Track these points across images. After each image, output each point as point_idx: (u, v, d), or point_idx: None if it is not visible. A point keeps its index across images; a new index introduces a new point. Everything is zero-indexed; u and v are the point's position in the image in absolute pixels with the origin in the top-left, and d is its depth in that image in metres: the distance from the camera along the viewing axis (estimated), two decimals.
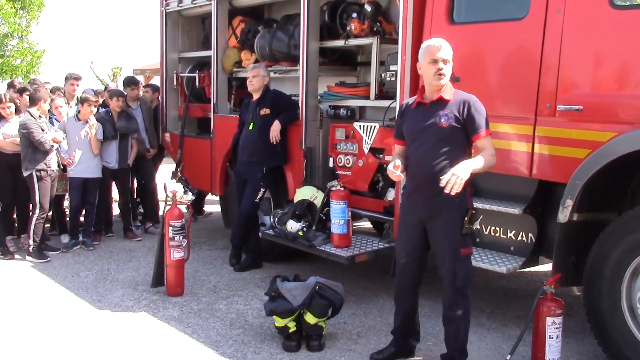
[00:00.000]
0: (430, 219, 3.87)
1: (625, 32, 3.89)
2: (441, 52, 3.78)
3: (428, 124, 3.82)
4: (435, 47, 3.80)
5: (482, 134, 3.78)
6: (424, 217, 3.89)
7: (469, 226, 3.83)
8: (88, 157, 7.14)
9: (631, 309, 3.92)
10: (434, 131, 3.80)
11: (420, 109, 3.91)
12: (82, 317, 5.14)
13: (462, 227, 3.80)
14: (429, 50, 3.83)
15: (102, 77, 22.62)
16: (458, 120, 3.78)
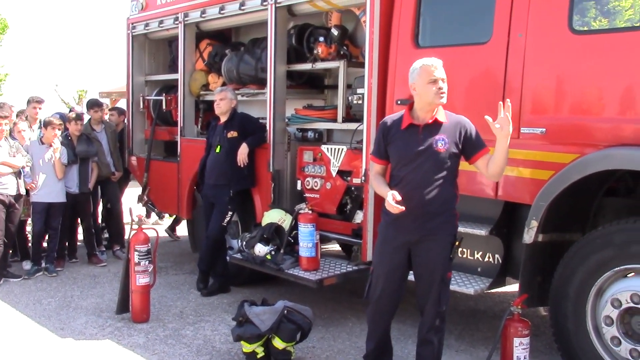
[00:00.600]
0: (419, 243, 3.82)
1: (584, 57, 3.99)
2: (438, 71, 3.77)
3: (423, 148, 3.75)
4: (431, 67, 3.76)
5: (487, 149, 3.78)
6: (413, 240, 3.83)
7: (455, 252, 3.85)
8: (52, 181, 7.01)
9: (596, 328, 3.96)
10: (430, 156, 3.74)
11: (414, 131, 3.81)
12: (44, 346, 4.99)
13: (451, 252, 3.80)
14: (425, 70, 3.76)
15: (67, 100, 22.33)
16: (456, 146, 3.76)
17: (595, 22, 4.13)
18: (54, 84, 22.50)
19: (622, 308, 3.80)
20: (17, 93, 17.54)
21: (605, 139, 3.87)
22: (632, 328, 3.81)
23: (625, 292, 3.79)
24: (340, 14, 5.95)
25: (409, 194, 3.75)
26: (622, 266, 3.81)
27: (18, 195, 6.82)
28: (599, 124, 3.93)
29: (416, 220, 3.77)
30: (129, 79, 8.16)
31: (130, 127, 8.19)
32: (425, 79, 3.76)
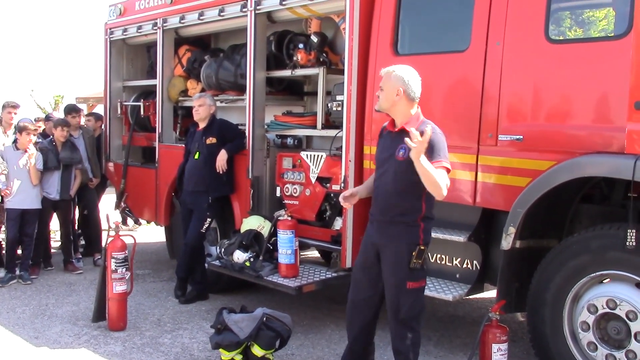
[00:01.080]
0: (382, 247, 3.86)
1: (560, 65, 4.05)
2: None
3: (387, 156, 3.82)
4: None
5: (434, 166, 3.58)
6: (377, 243, 3.89)
7: (416, 261, 3.73)
8: (27, 187, 6.91)
9: (573, 333, 4.01)
10: (392, 164, 3.78)
11: (387, 138, 3.90)
12: (18, 355, 4.91)
13: (410, 261, 3.73)
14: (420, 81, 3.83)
15: (43, 105, 22.05)
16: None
17: (571, 32, 4.21)
18: (30, 89, 22.20)
19: (598, 314, 3.85)
20: None
21: (581, 147, 3.92)
22: (607, 333, 3.86)
23: (601, 298, 3.84)
24: (319, 21, 5.97)
25: (375, 199, 3.88)
26: (598, 272, 3.87)
27: None
28: (575, 131, 3.98)
29: (378, 225, 3.86)
30: (106, 84, 8.09)
31: (107, 132, 8.12)
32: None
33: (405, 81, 3.78)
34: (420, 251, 3.74)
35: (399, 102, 3.79)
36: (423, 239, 3.77)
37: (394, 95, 3.78)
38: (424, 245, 3.76)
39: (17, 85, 22.66)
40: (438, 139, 3.70)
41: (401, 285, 3.76)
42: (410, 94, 3.80)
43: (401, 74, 3.79)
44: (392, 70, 3.83)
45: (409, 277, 3.76)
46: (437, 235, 4.69)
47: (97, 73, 8.32)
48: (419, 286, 3.83)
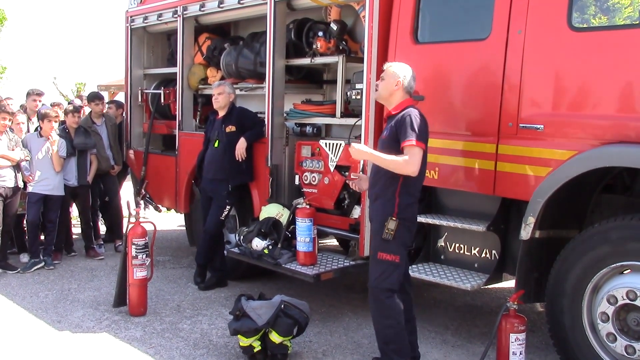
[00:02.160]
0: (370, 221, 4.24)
1: (583, 54, 3.99)
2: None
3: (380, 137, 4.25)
4: None
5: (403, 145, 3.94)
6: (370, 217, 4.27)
7: (388, 231, 3.96)
8: (50, 174, 7.00)
9: (592, 324, 3.97)
10: (379, 142, 4.23)
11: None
12: (42, 338, 5.00)
13: (382, 232, 3.97)
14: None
15: (65, 93, 22.28)
16: (394, 137, 4.02)
17: (595, 20, 4.13)
18: (53, 77, 22.44)
19: (617, 305, 3.81)
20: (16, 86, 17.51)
21: (603, 136, 3.87)
22: (627, 324, 3.82)
23: (621, 289, 3.80)
24: (339, 8, 5.94)
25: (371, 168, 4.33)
26: (618, 263, 3.82)
27: (16, 188, 6.82)
28: (597, 121, 3.93)
29: (369, 200, 4.29)
30: (127, 72, 8.14)
31: (128, 120, 8.18)
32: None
33: (406, 76, 4.16)
34: (392, 222, 3.97)
35: (396, 92, 4.14)
36: (397, 212, 3.99)
37: (393, 85, 4.14)
38: (397, 218, 3.97)
39: (41, 73, 22.92)
40: (408, 119, 3.99)
41: (374, 254, 4.10)
42: (407, 87, 4.17)
43: (401, 67, 4.20)
44: (395, 64, 4.26)
45: (381, 248, 4.04)
46: (456, 225, 4.69)
47: (119, 61, 8.43)
48: (390, 259, 4.03)
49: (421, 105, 4.79)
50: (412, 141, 3.91)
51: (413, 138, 3.92)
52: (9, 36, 21.97)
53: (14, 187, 6.76)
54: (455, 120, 4.67)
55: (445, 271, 4.85)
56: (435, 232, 5.07)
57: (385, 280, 4.02)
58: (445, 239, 4.99)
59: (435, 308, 5.86)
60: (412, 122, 3.96)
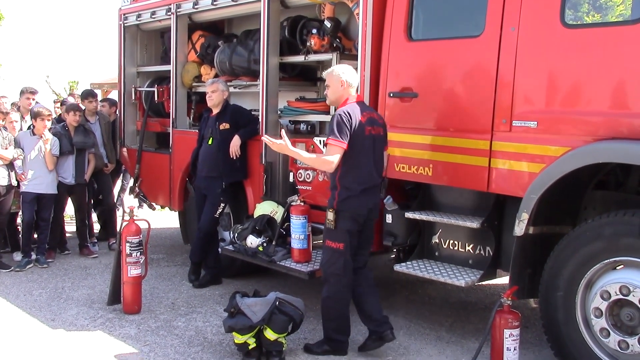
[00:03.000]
0: None
1: (576, 50, 4.01)
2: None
3: None
4: None
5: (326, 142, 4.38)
6: None
7: (329, 221, 4.38)
8: (43, 172, 6.97)
9: (585, 320, 3.99)
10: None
11: None
12: (36, 336, 4.99)
13: (326, 222, 4.41)
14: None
15: (58, 91, 22.17)
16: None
17: (588, 17, 4.15)
18: (45, 75, 22.31)
19: (611, 300, 3.84)
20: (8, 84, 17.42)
21: (596, 133, 3.89)
22: (620, 320, 3.84)
23: (614, 284, 3.82)
24: (333, 6, 5.93)
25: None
26: (611, 259, 3.84)
27: (9, 187, 6.80)
28: (590, 117, 3.95)
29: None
30: (120, 70, 8.12)
31: (122, 118, 8.16)
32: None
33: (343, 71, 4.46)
34: (330, 213, 4.39)
35: (343, 92, 4.46)
36: (337, 204, 4.38)
37: (339, 87, 4.45)
38: (336, 209, 4.37)
39: (33, 71, 22.81)
40: (332, 119, 4.36)
41: (324, 241, 4.52)
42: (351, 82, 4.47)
43: (339, 68, 4.53)
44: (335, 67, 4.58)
45: (327, 236, 4.47)
46: (450, 221, 4.70)
47: (112, 59, 8.41)
48: (334, 247, 4.42)
49: (415, 102, 4.82)
50: (330, 140, 4.29)
51: (332, 137, 4.28)
52: (3, 35, 21.82)
53: (7, 185, 6.74)
54: (448, 117, 4.68)
55: (440, 268, 4.86)
56: (429, 229, 5.08)
57: (332, 265, 4.44)
58: (440, 236, 5.01)
59: (430, 305, 5.87)
60: (334, 121, 4.31)
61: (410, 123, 4.88)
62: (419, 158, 4.81)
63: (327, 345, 4.58)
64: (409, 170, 4.88)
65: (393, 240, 5.17)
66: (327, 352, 4.56)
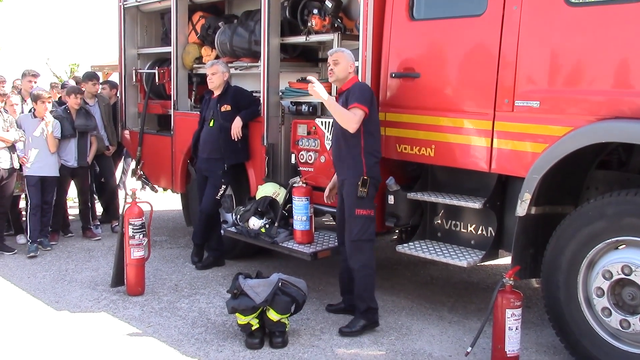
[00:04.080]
0: (341, 183, 4.71)
1: (580, 29, 3.97)
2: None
3: None
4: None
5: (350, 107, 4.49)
6: (340, 186, 4.75)
7: (361, 190, 4.47)
8: (45, 155, 6.97)
9: (587, 300, 4.00)
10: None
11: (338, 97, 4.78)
12: (40, 318, 5.02)
13: (357, 191, 4.48)
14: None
15: (59, 73, 22.10)
16: (344, 104, 4.54)
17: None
18: (46, 58, 22.21)
19: (613, 279, 3.84)
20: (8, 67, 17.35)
21: (599, 112, 3.87)
22: (622, 299, 3.85)
23: (616, 264, 3.83)
24: None
25: (333, 146, 4.82)
26: (613, 238, 3.84)
27: (12, 170, 6.80)
28: (593, 97, 3.93)
29: (337, 168, 4.76)
30: (121, 52, 8.07)
31: (123, 100, 8.13)
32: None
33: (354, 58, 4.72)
34: (364, 181, 4.49)
35: (349, 73, 4.67)
36: (366, 171, 4.52)
37: (349, 67, 4.66)
38: (367, 176, 4.50)
39: (33, 54, 22.68)
40: (356, 88, 4.58)
41: (351, 211, 4.56)
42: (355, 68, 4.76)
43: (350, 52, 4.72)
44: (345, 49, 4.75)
45: (357, 205, 4.54)
46: (453, 202, 4.70)
47: (112, 41, 8.30)
48: (366, 214, 4.56)
49: (417, 82, 4.80)
50: (356, 104, 4.46)
51: (357, 102, 4.47)
52: (2, 17, 21.67)
53: (9, 168, 6.74)
54: (451, 97, 4.66)
55: (442, 248, 4.87)
56: (431, 210, 5.09)
57: (366, 232, 4.57)
58: (442, 217, 5.02)
59: (432, 285, 5.89)
60: (358, 90, 4.55)
61: (412, 103, 4.86)
62: (421, 139, 4.80)
63: (363, 319, 4.66)
64: (411, 151, 4.87)
65: (395, 221, 5.17)
66: (365, 327, 4.65)
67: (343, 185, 4.68)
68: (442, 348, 4.46)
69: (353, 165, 4.55)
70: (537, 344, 4.55)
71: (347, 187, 4.60)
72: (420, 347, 4.46)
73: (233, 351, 4.38)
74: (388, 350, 4.39)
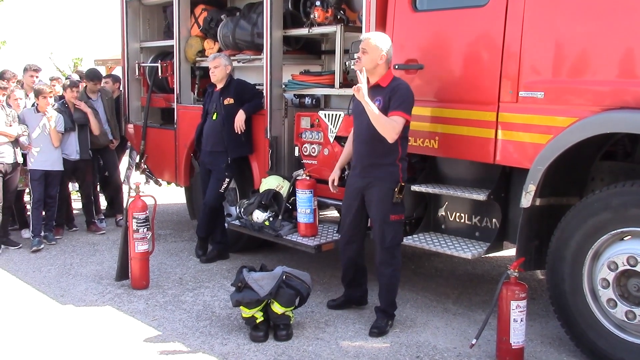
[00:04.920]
0: (367, 188, 4.47)
1: (584, 18, 3.94)
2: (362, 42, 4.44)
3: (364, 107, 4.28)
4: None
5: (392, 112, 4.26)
6: (362, 186, 4.50)
7: (398, 196, 4.37)
8: (48, 149, 6.97)
9: (592, 291, 3.99)
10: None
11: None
12: (45, 312, 5.03)
13: (393, 197, 4.36)
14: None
15: (62, 68, 22.11)
16: (386, 104, 4.30)
17: None
18: (49, 52, 22.22)
19: (618, 271, 3.82)
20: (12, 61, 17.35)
21: (604, 102, 3.84)
22: (628, 290, 3.84)
23: (621, 255, 3.81)
24: None
25: (358, 147, 4.53)
26: (619, 229, 3.82)
27: (15, 164, 6.80)
28: (597, 87, 3.90)
29: (363, 169, 4.48)
30: (123, 45, 8.06)
31: (126, 94, 8.12)
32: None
33: (388, 47, 4.39)
34: (401, 187, 4.39)
35: (380, 65, 4.37)
36: (402, 177, 4.41)
37: (378, 59, 4.35)
38: (403, 182, 4.41)
39: (37, 48, 22.68)
40: (402, 92, 4.32)
41: (385, 218, 4.42)
42: (389, 58, 4.43)
43: (384, 40, 4.40)
44: (375, 36, 4.42)
45: (392, 211, 4.41)
46: (457, 194, 4.69)
47: (115, 35, 8.27)
48: (399, 219, 4.48)
49: (420, 73, 4.78)
50: (400, 112, 4.26)
51: (403, 111, 4.27)
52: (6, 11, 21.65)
53: (13, 163, 6.74)
54: (454, 88, 4.64)
55: (446, 240, 4.86)
56: (435, 202, 5.07)
57: (397, 237, 4.50)
58: (446, 208, 5.00)
59: (437, 277, 5.89)
60: (404, 94, 4.31)
61: (415, 95, 4.81)
62: (425, 130, 4.78)
63: (390, 318, 4.62)
64: (414, 143, 4.84)
65: None
66: (390, 325, 4.60)
67: (367, 188, 4.46)
68: (447, 340, 4.46)
69: (389, 171, 4.38)
70: (542, 335, 4.54)
71: (379, 194, 4.40)
72: (425, 339, 4.46)
73: (238, 344, 4.39)
74: (392, 343, 4.39)
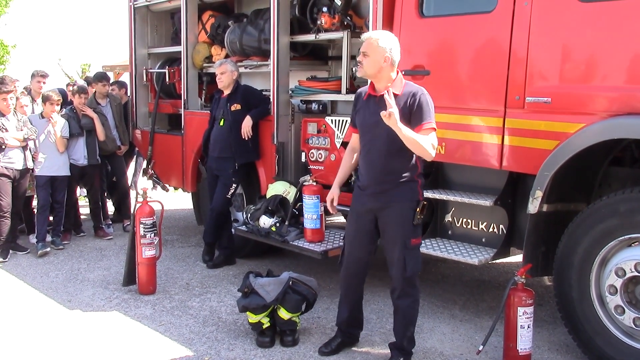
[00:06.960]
0: (382, 209, 3.92)
1: (591, 25, 3.94)
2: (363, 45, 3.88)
3: (378, 119, 3.68)
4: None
5: (423, 127, 3.73)
6: (376, 207, 3.94)
7: (420, 217, 3.87)
8: (54, 154, 7.00)
9: (600, 297, 3.97)
10: (385, 126, 3.66)
11: (372, 102, 3.91)
12: (52, 317, 5.05)
13: (414, 218, 3.85)
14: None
15: (70, 74, 22.25)
16: (407, 116, 3.74)
17: None
18: (57, 58, 22.39)
19: (626, 277, 3.81)
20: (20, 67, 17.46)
21: (611, 108, 3.84)
22: (635, 297, 3.82)
23: (629, 261, 3.79)
24: None
25: (370, 163, 3.93)
26: (626, 235, 3.81)
27: (25, 170, 6.83)
28: (605, 93, 3.89)
29: (377, 187, 3.90)
30: (131, 51, 8.11)
31: (134, 100, 8.17)
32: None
33: (391, 48, 3.82)
34: (423, 206, 3.89)
35: (385, 67, 3.83)
36: (421, 194, 3.93)
37: (381, 62, 3.81)
38: (424, 200, 3.93)
39: (45, 54, 22.85)
40: (425, 100, 3.79)
41: (406, 243, 3.86)
42: (395, 60, 3.85)
43: (387, 40, 3.83)
44: (376, 36, 3.86)
45: (413, 234, 3.88)
46: (464, 199, 4.68)
47: (123, 41, 8.33)
48: (419, 242, 3.97)
49: (427, 79, 4.78)
50: (432, 124, 3.76)
51: (433, 121, 3.77)
52: (15, 17, 21.84)
53: (22, 169, 6.77)
54: (461, 94, 4.64)
55: (453, 246, 4.85)
56: (442, 208, 5.06)
57: (418, 263, 3.95)
58: (453, 214, 4.99)
59: (443, 283, 5.87)
60: (428, 103, 3.79)
61: None
62: None
63: (407, 357, 4.10)
64: None
65: None
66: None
67: (382, 209, 3.90)
68: (454, 346, 4.44)
69: (408, 188, 3.86)
70: (550, 342, 4.52)
71: (398, 215, 3.86)
72: (432, 346, 4.44)
73: (244, 350, 4.39)
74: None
